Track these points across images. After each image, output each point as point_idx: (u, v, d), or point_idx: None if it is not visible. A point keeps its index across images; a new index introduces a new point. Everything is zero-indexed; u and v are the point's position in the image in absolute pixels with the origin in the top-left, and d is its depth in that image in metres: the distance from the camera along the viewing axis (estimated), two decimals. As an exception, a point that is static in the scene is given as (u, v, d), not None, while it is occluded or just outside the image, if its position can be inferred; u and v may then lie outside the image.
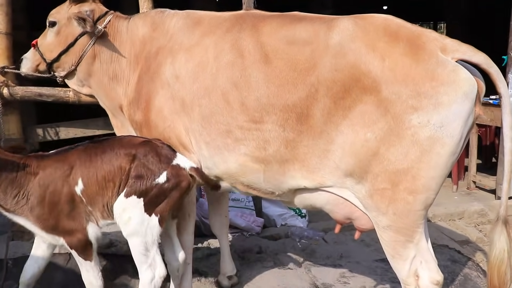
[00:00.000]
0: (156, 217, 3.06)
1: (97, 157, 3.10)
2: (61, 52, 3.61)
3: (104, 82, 3.63)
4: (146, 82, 3.39)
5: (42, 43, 3.70)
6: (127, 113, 3.57)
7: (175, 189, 3.08)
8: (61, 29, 3.59)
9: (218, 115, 3.13)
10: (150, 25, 3.52)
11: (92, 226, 3.15)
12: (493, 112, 6.08)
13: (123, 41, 3.57)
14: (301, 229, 5.20)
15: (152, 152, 3.11)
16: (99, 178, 3.08)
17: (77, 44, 3.58)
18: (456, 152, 2.74)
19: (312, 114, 2.87)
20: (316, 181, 3.00)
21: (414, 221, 2.85)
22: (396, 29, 2.80)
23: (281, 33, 3.03)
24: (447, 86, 2.65)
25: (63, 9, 3.59)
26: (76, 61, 3.62)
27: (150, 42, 3.47)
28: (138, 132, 3.51)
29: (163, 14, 3.55)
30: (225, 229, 4.05)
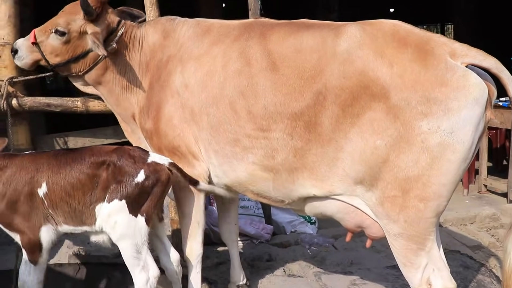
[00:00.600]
0: (142, 217, 3.09)
1: (67, 164, 3.16)
2: (69, 60, 3.56)
3: (117, 92, 3.61)
4: (157, 91, 3.39)
5: (43, 42, 3.56)
6: (138, 121, 3.57)
7: (156, 185, 3.11)
8: (71, 40, 3.50)
9: (226, 123, 3.13)
10: (161, 33, 3.52)
11: (49, 230, 3.17)
12: (503, 114, 6.04)
13: (136, 50, 3.55)
14: (311, 236, 5.17)
15: (125, 155, 3.14)
16: (65, 185, 3.12)
17: (88, 57, 3.53)
18: (467, 158, 2.72)
19: (320, 122, 2.86)
20: (326, 189, 2.99)
21: (426, 229, 2.82)
22: (405, 35, 2.79)
23: (289, 41, 3.02)
24: (456, 91, 2.62)
25: (76, 22, 3.46)
26: (84, 70, 3.58)
27: (161, 50, 3.47)
28: (148, 141, 3.52)
29: (174, 22, 3.55)
30: (234, 237, 4.03)
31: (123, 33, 3.51)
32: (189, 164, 3.33)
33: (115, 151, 3.19)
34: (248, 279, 4.19)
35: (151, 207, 3.11)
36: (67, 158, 3.19)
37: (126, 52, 3.54)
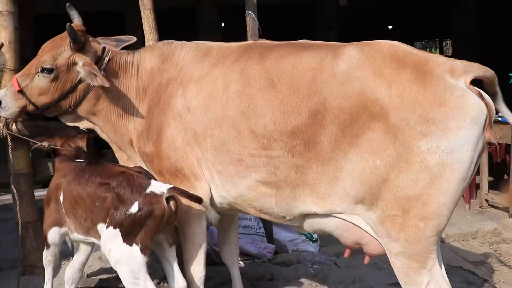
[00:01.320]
0: (137, 247, 3.07)
1: (79, 178, 3.36)
2: (58, 98, 3.49)
3: (113, 119, 3.60)
4: (157, 114, 3.40)
5: (28, 86, 3.48)
6: (136, 146, 3.56)
7: (149, 217, 3.07)
8: (60, 75, 3.44)
9: (229, 144, 3.14)
10: (159, 57, 3.53)
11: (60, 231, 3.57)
12: (502, 129, 6.04)
13: (129, 76, 3.54)
14: (313, 254, 5.14)
15: (124, 182, 3.15)
16: (72, 197, 3.36)
17: (77, 90, 3.50)
18: (466, 178, 2.71)
19: (320, 141, 2.87)
20: (326, 207, 2.99)
21: (427, 247, 2.81)
22: (403, 55, 2.80)
23: (287, 59, 3.05)
24: (455, 111, 2.63)
25: (63, 55, 3.43)
26: (74, 104, 3.54)
27: (159, 74, 3.48)
28: (148, 164, 3.51)
29: (172, 46, 3.56)
30: (235, 258, 4.01)
31: (109, 60, 3.50)
32: (190, 186, 3.32)
33: (119, 174, 3.22)
34: (250, 299, 4.17)
35: (146, 238, 3.08)
36: (85, 172, 3.38)
37: (119, 79, 3.53)
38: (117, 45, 3.71)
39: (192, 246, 3.43)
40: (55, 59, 3.43)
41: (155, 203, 3.08)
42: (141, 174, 3.24)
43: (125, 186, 3.13)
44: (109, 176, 3.23)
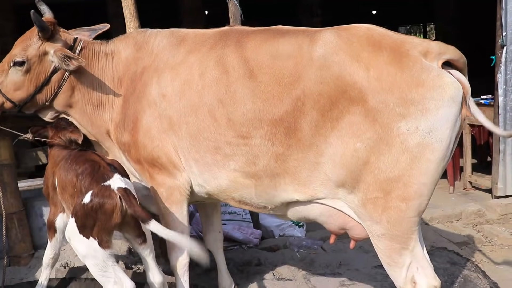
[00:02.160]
0: (94, 240, 2.96)
1: (65, 165, 3.32)
2: (34, 92, 3.45)
3: (88, 111, 3.55)
4: (133, 103, 3.36)
5: (3, 83, 3.43)
6: (114, 136, 3.52)
7: (99, 210, 2.94)
8: (32, 67, 3.39)
9: (206, 132, 3.11)
10: (133, 46, 3.49)
11: (62, 217, 3.60)
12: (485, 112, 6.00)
13: (103, 66, 3.48)
14: (299, 239, 5.17)
15: (88, 170, 3.10)
16: (60, 183, 3.36)
17: (51, 81, 3.44)
18: (446, 157, 2.74)
19: (300, 128, 2.86)
20: (308, 193, 2.99)
21: (408, 228, 2.83)
22: (379, 38, 2.80)
23: (264, 47, 3.02)
24: (433, 91, 2.65)
25: (32, 46, 3.37)
26: (50, 97, 3.49)
27: (134, 63, 3.44)
28: (126, 154, 3.48)
29: (146, 34, 3.52)
30: (219, 244, 4.02)
31: (81, 50, 3.46)
32: (170, 175, 3.31)
33: (88, 162, 3.18)
34: (237, 284, 4.18)
35: (101, 232, 2.95)
36: (70, 158, 3.35)
37: (92, 70, 3.48)
38: (90, 34, 3.65)
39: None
40: (25, 51, 3.37)
41: (106, 196, 2.95)
42: (109, 166, 3.15)
43: (87, 174, 3.07)
44: (79, 163, 3.19)
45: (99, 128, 3.59)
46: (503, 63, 5.65)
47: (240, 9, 4.74)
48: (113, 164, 3.22)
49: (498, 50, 5.67)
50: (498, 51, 5.67)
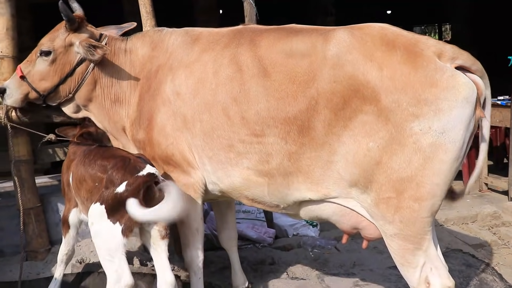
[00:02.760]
0: (120, 226, 3.04)
1: (85, 160, 3.37)
2: (58, 83, 3.54)
3: (106, 106, 3.62)
4: (148, 101, 3.40)
5: (30, 72, 3.56)
6: (129, 133, 3.57)
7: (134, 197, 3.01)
8: (57, 57, 3.49)
9: (219, 129, 3.13)
10: (149, 45, 3.53)
11: (75, 212, 3.65)
12: (501, 112, 6.03)
13: (122, 63, 3.55)
14: (313, 239, 5.18)
15: (119, 164, 3.16)
16: (76, 178, 3.41)
17: (76, 73, 3.53)
18: (459, 157, 2.73)
19: (313, 126, 2.87)
20: (321, 192, 3.00)
21: (421, 228, 2.83)
22: (393, 37, 2.80)
23: (278, 46, 3.04)
24: (446, 91, 2.64)
25: (59, 37, 3.49)
26: (74, 89, 3.57)
27: (150, 61, 3.49)
28: (142, 152, 3.50)
29: (161, 33, 3.56)
30: (234, 242, 4.05)
31: (107, 44, 3.52)
32: (184, 172, 3.34)
33: (117, 157, 3.23)
34: (251, 283, 4.20)
35: (130, 220, 3.03)
36: (91, 154, 3.40)
37: (113, 65, 3.55)
38: (117, 32, 3.74)
39: (189, 231, 3.45)
40: (52, 41, 3.49)
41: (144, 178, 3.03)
42: (139, 158, 3.24)
43: (119, 167, 3.13)
44: (108, 158, 3.25)
45: (115, 123, 3.65)
46: (520, 64, 5.62)
47: (256, 8, 4.75)
48: (141, 157, 3.30)
49: (515, 50, 5.64)
50: (516, 51, 5.64)
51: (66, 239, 3.76)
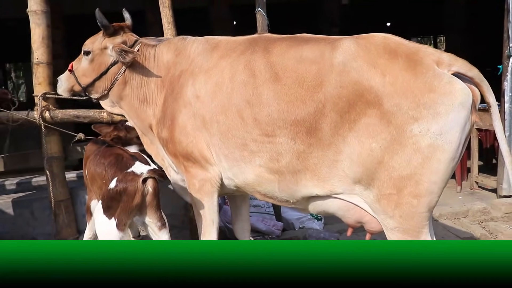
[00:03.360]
0: (114, 221, 3.07)
1: (94, 160, 3.48)
2: (95, 79, 3.66)
3: (135, 105, 3.66)
4: (171, 103, 3.41)
5: (77, 68, 3.74)
6: (155, 131, 3.59)
7: (123, 193, 3.04)
8: (95, 58, 3.62)
9: (234, 130, 3.13)
10: (174, 51, 3.55)
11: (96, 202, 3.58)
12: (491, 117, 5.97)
13: (151, 67, 3.58)
14: (318, 231, 5.15)
15: (113, 161, 3.26)
16: (90, 176, 3.57)
17: (109, 72, 3.61)
18: (455, 157, 2.70)
19: (321, 128, 2.86)
20: (327, 189, 2.98)
21: (419, 222, 2.81)
22: (395, 46, 2.78)
23: (290, 53, 3.02)
24: (444, 97, 2.62)
25: (97, 40, 3.61)
26: (108, 87, 3.66)
27: (173, 66, 3.50)
28: (164, 148, 3.53)
29: (185, 41, 3.58)
30: (247, 233, 4.03)
31: (139, 49, 3.57)
32: (202, 168, 3.34)
33: (113, 155, 3.34)
34: (260, 271, 4.19)
35: (121, 214, 3.06)
36: (99, 153, 3.49)
37: (143, 69, 3.58)
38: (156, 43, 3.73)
39: (205, 221, 3.45)
40: (92, 43, 3.63)
41: (130, 180, 3.06)
42: (132, 157, 3.31)
43: (113, 165, 3.24)
44: (106, 157, 3.36)
45: (143, 121, 3.69)
46: (509, 72, 5.57)
47: (267, 19, 4.75)
48: (134, 155, 3.38)
49: (505, 60, 5.59)
50: (505, 60, 5.59)
51: (89, 225, 3.83)
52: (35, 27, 4.43)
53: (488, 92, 2.78)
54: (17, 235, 4.95)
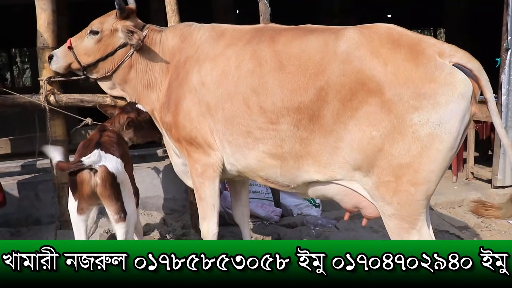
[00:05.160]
0: (75, 202, 3.14)
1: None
2: (99, 59, 3.62)
3: (139, 89, 3.66)
4: (175, 88, 3.41)
5: (77, 46, 3.66)
6: (158, 116, 3.59)
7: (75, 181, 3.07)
8: (103, 38, 3.59)
9: (239, 117, 3.14)
10: (179, 37, 3.55)
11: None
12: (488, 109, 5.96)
13: (157, 52, 3.58)
14: (316, 218, 5.18)
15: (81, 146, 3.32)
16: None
17: (116, 54, 3.60)
18: (454, 147, 2.71)
19: (323, 115, 2.87)
20: (328, 175, 2.99)
21: (416, 210, 2.82)
22: (398, 36, 2.78)
23: (295, 43, 3.03)
24: (444, 87, 2.62)
25: (108, 21, 3.58)
26: (112, 69, 3.64)
27: (179, 52, 3.50)
28: (168, 133, 3.54)
29: (191, 27, 3.58)
30: (246, 218, 4.05)
31: (146, 35, 3.57)
32: (205, 153, 3.35)
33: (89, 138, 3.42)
34: (259, 256, 4.21)
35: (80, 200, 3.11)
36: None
37: (149, 53, 3.58)
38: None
39: (206, 206, 3.47)
40: (102, 24, 3.59)
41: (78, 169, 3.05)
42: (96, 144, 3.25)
43: (80, 148, 3.28)
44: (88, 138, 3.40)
45: (146, 105, 3.69)
46: (507, 65, 5.58)
47: (270, 8, 4.72)
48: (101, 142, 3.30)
49: (503, 53, 5.59)
50: (503, 53, 5.59)
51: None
52: (41, 12, 4.42)
53: (486, 86, 2.77)
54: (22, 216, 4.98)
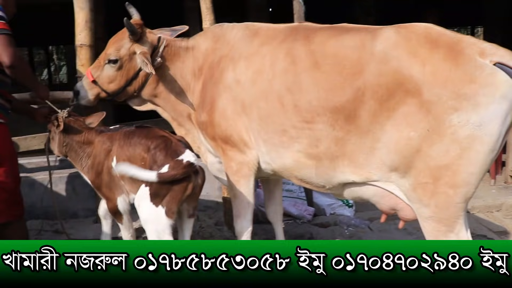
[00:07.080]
0: (162, 209, 2.98)
1: (129, 141, 3.29)
2: (125, 85, 3.62)
3: (171, 99, 3.68)
4: (210, 87, 3.45)
5: (99, 76, 3.61)
6: (194, 118, 3.63)
7: (175, 182, 2.96)
8: (123, 64, 3.56)
9: (274, 116, 3.15)
10: (211, 38, 3.58)
11: (123, 199, 3.41)
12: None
13: (184, 59, 3.59)
14: (349, 218, 5.16)
15: (162, 145, 3.11)
16: (124, 160, 3.24)
17: (139, 76, 3.60)
18: (494, 150, 2.66)
19: (359, 115, 2.85)
20: (364, 176, 2.98)
21: (455, 213, 2.78)
22: (437, 36, 2.75)
23: (330, 42, 3.03)
24: (485, 88, 2.58)
25: (124, 46, 3.53)
26: (138, 89, 3.65)
27: (212, 53, 3.52)
28: (203, 132, 3.57)
29: (222, 27, 3.61)
30: (279, 216, 4.06)
31: (165, 47, 3.56)
32: (240, 152, 3.38)
33: (160, 138, 3.19)
34: (291, 255, 4.22)
35: (171, 202, 2.98)
36: (131, 136, 3.31)
37: (175, 64, 3.59)
38: (171, 34, 3.76)
39: (241, 204, 3.49)
40: (118, 50, 3.55)
41: (180, 169, 2.97)
42: (180, 142, 3.20)
43: (161, 149, 3.09)
44: (150, 138, 3.20)
45: (181, 112, 3.71)
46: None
47: (304, 6, 4.71)
48: (182, 140, 3.27)
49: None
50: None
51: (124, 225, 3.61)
52: (79, 11, 4.50)
53: None
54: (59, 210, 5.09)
